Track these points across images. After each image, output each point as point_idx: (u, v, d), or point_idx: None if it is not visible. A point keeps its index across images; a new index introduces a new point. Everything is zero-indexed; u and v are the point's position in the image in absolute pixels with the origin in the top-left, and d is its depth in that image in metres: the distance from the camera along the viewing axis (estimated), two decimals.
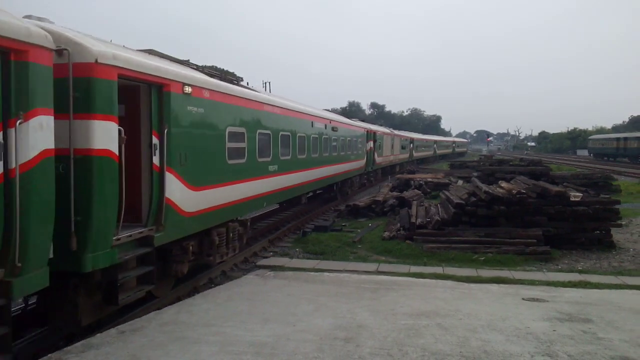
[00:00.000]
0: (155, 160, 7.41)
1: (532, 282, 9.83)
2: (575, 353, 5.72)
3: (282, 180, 13.43)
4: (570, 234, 13.44)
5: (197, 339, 6.00)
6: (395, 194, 21.34)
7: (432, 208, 16.58)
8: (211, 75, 9.82)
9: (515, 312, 7.47)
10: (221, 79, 10.14)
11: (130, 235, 6.91)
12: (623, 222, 15.42)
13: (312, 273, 10.34)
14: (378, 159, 31.16)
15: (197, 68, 9.71)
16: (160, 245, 7.59)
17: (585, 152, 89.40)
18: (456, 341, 6.03)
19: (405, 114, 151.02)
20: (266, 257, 12.37)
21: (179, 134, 7.92)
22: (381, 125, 45.08)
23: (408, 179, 26.48)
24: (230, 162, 9.88)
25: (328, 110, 26.45)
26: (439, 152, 71.27)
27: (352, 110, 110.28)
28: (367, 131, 27.78)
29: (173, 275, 8.53)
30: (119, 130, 6.51)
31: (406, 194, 21.03)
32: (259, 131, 11.50)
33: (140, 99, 7.40)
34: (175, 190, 7.83)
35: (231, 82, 10.77)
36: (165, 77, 7.53)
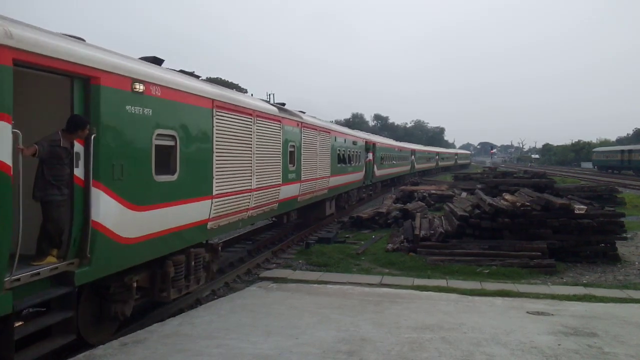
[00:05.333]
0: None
1: (536, 296, 9.76)
2: None
3: None
4: (575, 246, 13.36)
5: (199, 352, 5.97)
6: (398, 205, 21.32)
7: (435, 220, 16.53)
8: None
9: (519, 325, 7.41)
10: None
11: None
12: (628, 235, 15.36)
13: (315, 285, 10.30)
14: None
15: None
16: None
17: (589, 165, 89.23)
18: (460, 355, 5.99)
19: (409, 125, 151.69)
20: (269, 269, 12.34)
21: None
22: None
23: (411, 191, 26.45)
24: None
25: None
26: (418, 166, 50.93)
27: (355, 122, 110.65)
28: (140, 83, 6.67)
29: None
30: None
31: (410, 206, 21.01)
32: None
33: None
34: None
35: None
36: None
